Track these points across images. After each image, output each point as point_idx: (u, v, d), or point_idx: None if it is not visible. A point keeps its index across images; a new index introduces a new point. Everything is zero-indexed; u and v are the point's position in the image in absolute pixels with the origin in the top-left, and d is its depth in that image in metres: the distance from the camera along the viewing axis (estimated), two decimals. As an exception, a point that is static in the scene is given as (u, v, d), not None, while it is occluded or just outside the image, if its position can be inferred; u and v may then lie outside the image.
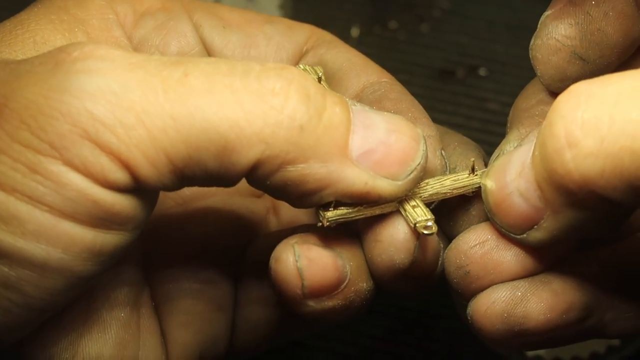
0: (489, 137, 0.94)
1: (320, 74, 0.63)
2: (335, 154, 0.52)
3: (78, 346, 0.58)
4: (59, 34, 0.59)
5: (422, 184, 0.57)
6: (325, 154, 0.52)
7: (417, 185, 0.57)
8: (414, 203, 0.56)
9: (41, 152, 0.49)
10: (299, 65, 0.65)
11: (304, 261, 0.56)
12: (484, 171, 0.58)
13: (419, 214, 0.55)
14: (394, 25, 1.10)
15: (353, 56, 0.66)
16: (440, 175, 0.59)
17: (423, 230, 0.55)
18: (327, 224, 0.56)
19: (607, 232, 0.59)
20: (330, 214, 0.56)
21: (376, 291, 0.60)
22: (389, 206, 0.56)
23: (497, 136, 0.65)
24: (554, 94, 0.60)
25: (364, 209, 0.56)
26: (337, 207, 0.55)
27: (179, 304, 0.63)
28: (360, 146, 0.53)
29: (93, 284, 0.57)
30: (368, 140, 0.53)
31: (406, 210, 0.56)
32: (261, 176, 0.52)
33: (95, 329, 0.58)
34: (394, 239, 0.56)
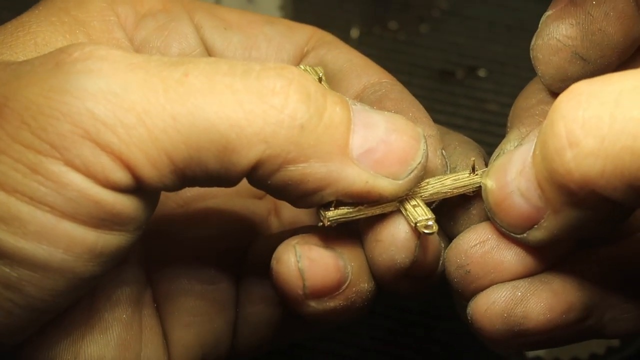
0: (488, 138, 0.94)
1: (321, 75, 0.63)
2: (335, 153, 0.52)
3: (80, 347, 0.58)
4: (59, 36, 0.59)
5: (423, 184, 0.57)
6: (326, 153, 0.52)
7: (418, 185, 0.57)
8: (414, 202, 0.56)
9: (42, 153, 0.49)
10: (300, 66, 0.65)
11: (305, 262, 0.56)
12: (485, 171, 0.58)
13: (420, 214, 0.55)
14: (393, 26, 1.10)
15: (354, 57, 0.66)
16: (440, 175, 0.59)
17: (424, 230, 0.55)
18: (328, 223, 0.56)
19: (608, 232, 0.59)
20: (331, 214, 0.56)
21: (377, 292, 0.60)
22: (389, 206, 0.56)
23: (497, 137, 0.65)
24: (555, 93, 0.60)
25: (365, 208, 0.56)
26: (338, 207, 0.55)
27: (181, 304, 0.63)
28: (360, 145, 0.53)
29: (95, 285, 0.57)
30: (368, 139, 0.53)
31: (407, 210, 0.56)
32: (262, 176, 0.52)
33: (97, 330, 0.58)
34: (394, 238, 0.56)
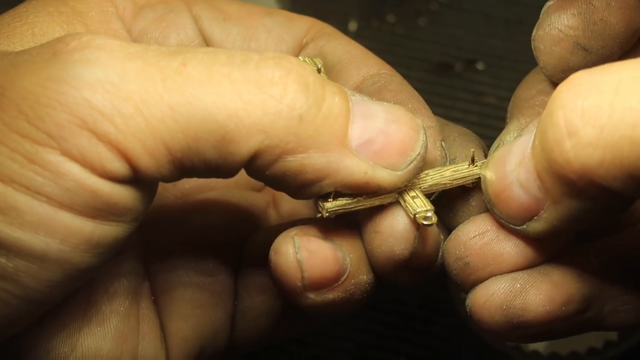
0: (486, 131, 0.94)
1: (320, 66, 0.62)
2: (334, 143, 0.52)
3: (77, 339, 0.57)
4: (57, 26, 0.59)
5: (422, 175, 0.57)
6: (325, 143, 0.52)
7: (417, 176, 0.57)
8: (413, 194, 0.56)
9: (39, 142, 0.49)
10: (299, 57, 0.65)
11: (304, 253, 0.56)
12: (484, 162, 0.58)
13: (419, 205, 0.55)
14: (391, 19, 1.10)
15: (353, 48, 0.65)
16: (440, 166, 0.59)
17: (423, 221, 0.55)
18: (327, 214, 0.55)
19: (607, 223, 0.59)
20: (330, 205, 0.55)
21: (376, 283, 0.60)
22: (388, 197, 0.56)
23: (495, 130, 0.65)
24: (554, 84, 0.60)
25: (364, 199, 0.55)
26: (337, 198, 0.55)
27: (179, 297, 0.63)
28: (359, 136, 0.53)
29: (92, 277, 0.57)
30: (367, 130, 0.53)
31: (406, 201, 0.56)
32: (260, 166, 0.52)
33: (94, 322, 0.58)
34: (393, 229, 0.56)
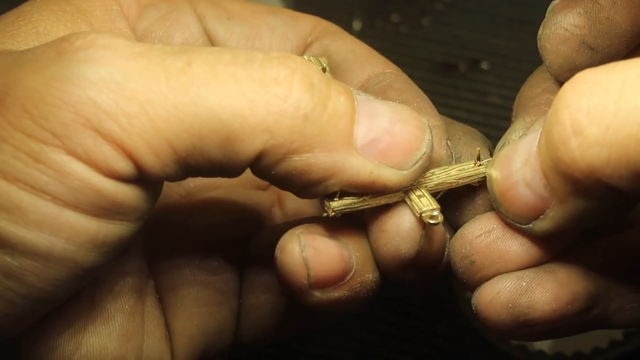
0: (491, 131, 0.94)
1: (325, 65, 0.62)
2: (340, 143, 0.52)
3: (82, 338, 0.57)
4: (61, 25, 0.59)
5: (428, 174, 0.57)
6: (330, 143, 0.52)
7: (423, 175, 0.57)
8: (419, 193, 0.56)
9: (43, 141, 0.48)
10: (304, 56, 0.65)
11: (310, 251, 0.56)
12: (490, 161, 0.58)
13: (425, 204, 0.55)
14: (396, 18, 1.10)
15: (357, 47, 0.65)
16: (445, 165, 0.59)
17: (429, 220, 0.55)
18: (332, 214, 0.55)
19: (613, 221, 0.58)
20: (336, 204, 0.55)
21: (382, 282, 0.60)
22: (394, 196, 0.56)
23: (499, 130, 0.65)
24: (560, 82, 0.60)
25: (370, 199, 0.55)
26: (342, 197, 0.55)
27: (184, 295, 0.63)
28: (365, 135, 0.53)
29: (97, 276, 0.57)
30: (373, 129, 0.53)
31: (412, 200, 0.56)
32: (265, 166, 0.52)
33: (99, 321, 0.58)
34: (399, 228, 0.56)
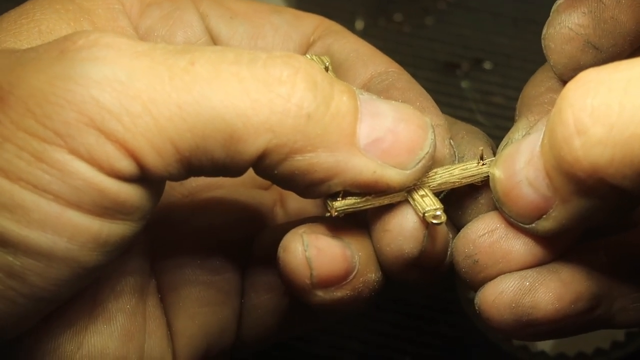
0: (494, 131, 0.94)
1: (328, 64, 0.62)
2: (343, 142, 0.52)
3: (83, 338, 0.57)
4: (64, 24, 0.59)
5: (431, 174, 0.57)
6: (333, 142, 0.52)
7: (426, 175, 0.56)
8: (422, 192, 0.56)
9: (46, 140, 0.48)
10: (307, 55, 0.65)
11: (313, 251, 0.56)
12: (493, 160, 0.58)
13: (428, 204, 0.55)
14: (398, 18, 1.10)
15: (360, 46, 0.65)
16: (448, 165, 0.58)
17: (432, 220, 0.55)
18: (335, 214, 0.55)
19: (617, 221, 0.58)
20: (339, 204, 0.55)
21: (385, 282, 0.60)
22: (397, 196, 0.56)
23: (502, 130, 0.64)
24: (563, 81, 0.60)
25: (373, 198, 0.55)
26: (345, 197, 0.55)
27: (186, 295, 0.63)
28: (368, 135, 0.53)
29: (99, 275, 0.57)
30: (376, 128, 0.53)
31: (415, 200, 0.56)
32: (268, 165, 0.52)
33: (101, 320, 0.58)
34: (402, 228, 0.56)
